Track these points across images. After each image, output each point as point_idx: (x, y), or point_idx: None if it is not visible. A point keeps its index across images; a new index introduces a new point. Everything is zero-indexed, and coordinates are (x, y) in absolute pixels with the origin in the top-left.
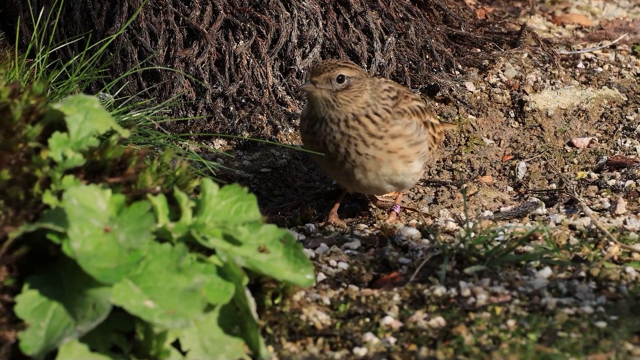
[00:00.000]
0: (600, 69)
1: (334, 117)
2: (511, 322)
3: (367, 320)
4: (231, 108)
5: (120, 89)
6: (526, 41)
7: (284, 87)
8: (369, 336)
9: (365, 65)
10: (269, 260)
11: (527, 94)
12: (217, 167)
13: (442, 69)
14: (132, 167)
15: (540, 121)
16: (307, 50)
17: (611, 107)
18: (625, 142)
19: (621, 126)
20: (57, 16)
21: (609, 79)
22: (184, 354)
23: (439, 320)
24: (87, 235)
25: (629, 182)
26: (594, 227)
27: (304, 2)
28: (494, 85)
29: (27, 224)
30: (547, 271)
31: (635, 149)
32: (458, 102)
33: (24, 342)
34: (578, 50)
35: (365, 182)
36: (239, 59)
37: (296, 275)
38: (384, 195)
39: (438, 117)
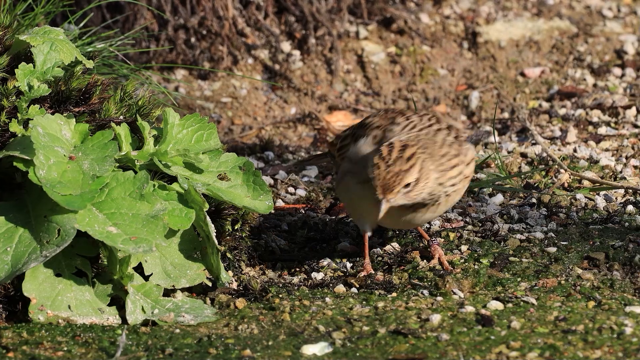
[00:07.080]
0: (551, 1)
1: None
2: (464, 247)
3: (324, 245)
4: (192, 39)
5: (84, 21)
6: None
7: (244, 19)
8: (326, 261)
9: None
10: (229, 187)
11: (480, 26)
12: (178, 96)
13: (397, 1)
14: (96, 97)
15: (492, 52)
16: None
17: (562, 39)
18: (575, 73)
19: (571, 57)
20: None
21: (560, 11)
22: (146, 278)
23: (394, 246)
24: (53, 163)
25: (579, 111)
26: (545, 154)
27: None
28: (447, 17)
29: None
30: (499, 198)
31: (585, 79)
32: (413, 33)
33: None
34: None
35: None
36: None
37: (255, 201)
38: None
39: None
